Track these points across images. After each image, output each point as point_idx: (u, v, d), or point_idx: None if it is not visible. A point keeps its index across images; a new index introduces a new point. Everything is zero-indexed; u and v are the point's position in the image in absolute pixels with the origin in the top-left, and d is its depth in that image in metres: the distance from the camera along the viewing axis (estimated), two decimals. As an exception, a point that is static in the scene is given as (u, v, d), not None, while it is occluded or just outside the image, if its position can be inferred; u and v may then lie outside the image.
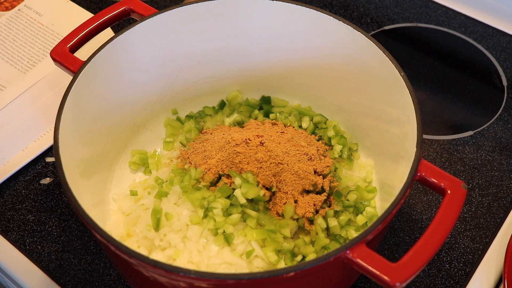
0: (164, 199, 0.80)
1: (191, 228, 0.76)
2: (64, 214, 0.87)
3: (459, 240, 0.84)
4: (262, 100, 0.95)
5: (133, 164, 0.89)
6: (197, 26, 0.85)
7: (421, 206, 0.88)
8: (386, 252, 0.83)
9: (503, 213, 0.87)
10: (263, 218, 0.77)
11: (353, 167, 0.87)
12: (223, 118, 0.92)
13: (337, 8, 1.18)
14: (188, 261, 0.74)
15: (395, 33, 1.14)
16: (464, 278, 0.81)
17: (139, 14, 0.84)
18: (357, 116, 0.88)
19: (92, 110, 0.79)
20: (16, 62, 0.98)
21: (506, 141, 0.96)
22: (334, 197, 0.80)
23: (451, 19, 1.15)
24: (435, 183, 0.66)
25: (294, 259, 0.76)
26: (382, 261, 0.59)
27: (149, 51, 0.85)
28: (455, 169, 0.92)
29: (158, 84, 0.89)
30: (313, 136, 0.88)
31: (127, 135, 0.89)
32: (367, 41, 0.78)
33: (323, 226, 0.77)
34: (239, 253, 0.74)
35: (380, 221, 0.61)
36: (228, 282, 0.59)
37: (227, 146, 0.81)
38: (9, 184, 0.90)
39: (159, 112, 0.92)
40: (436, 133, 0.97)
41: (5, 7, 1.09)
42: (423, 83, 1.05)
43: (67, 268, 0.82)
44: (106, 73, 0.80)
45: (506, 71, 1.06)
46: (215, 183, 0.81)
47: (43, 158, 0.93)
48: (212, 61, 0.90)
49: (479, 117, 1.00)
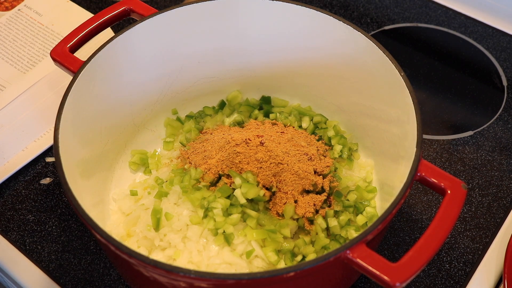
0: (164, 199, 0.80)
1: (191, 228, 0.76)
2: (64, 214, 0.87)
3: (459, 240, 0.84)
4: (262, 100, 0.95)
5: (133, 164, 0.89)
6: (197, 26, 0.85)
7: (421, 206, 0.88)
8: (386, 252, 0.83)
9: (503, 213, 0.87)
10: (263, 218, 0.77)
11: (353, 167, 0.87)
12: (223, 118, 0.92)
13: (337, 8, 1.18)
14: (188, 261, 0.74)
15: (395, 33, 1.14)
16: (464, 278, 0.81)
17: (139, 14, 0.84)
18: (357, 116, 0.88)
19: (92, 110, 0.79)
20: (16, 62, 0.98)
21: (506, 141, 0.96)
22: (334, 197, 0.80)
23: (451, 19, 1.15)
24: (435, 183, 0.66)
25: (294, 259, 0.76)
26: (382, 261, 0.59)
27: (149, 51, 0.85)
28: (455, 169, 0.92)
29: (158, 84, 0.89)
30: (313, 136, 0.88)
31: (127, 135, 0.89)
32: (367, 41, 0.78)
33: (323, 226, 0.77)
34: (239, 253, 0.74)
35: (380, 221, 0.61)
36: (228, 282, 0.59)
37: (227, 146, 0.81)
38: (9, 184, 0.90)
39: (159, 112, 0.92)
40: (436, 133, 0.97)
41: (5, 7, 1.09)
42: (423, 83, 1.05)
43: (67, 268, 0.82)
44: (106, 73, 0.80)
45: (506, 71, 1.06)
46: (215, 183, 0.81)
47: (43, 158, 0.93)
48: (212, 61, 0.90)
49: (479, 117, 1.00)
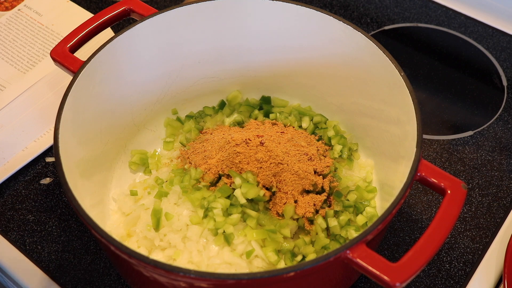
0: (164, 199, 0.80)
1: (191, 228, 0.76)
2: (64, 214, 0.87)
3: (459, 240, 0.84)
4: (262, 100, 0.95)
5: (133, 164, 0.88)
6: (197, 26, 0.85)
7: (421, 206, 0.88)
8: (386, 252, 0.83)
9: (503, 213, 0.87)
10: (263, 218, 0.77)
11: (353, 167, 0.87)
12: (223, 118, 0.92)
13: (337, 8, 1.18)
14: (188, 261, 0.74)
15: (395, 33, 1.14)
16: (464, 278, 0.81)
17: (139, 14, 0.84)
18: (357, 116, 0.88)
19: (92, 110, 0.79)
20: (16, 62, 0.98)
21: (506, 141, 0.96)
22: (334, 197, 0.80)
23: (451, 19, 1.15)
24: (435, 183, 0.66)
25: (294, 259, 0.76)
26: (382, 261, 0.59)
27: (149, 51, 0.84)
28: (455, 169, 0.92)
29: (158, 84, 0.89)
30: (313, 136, 0.88)
31: (127, 135, 0.89)
32: (367, 41, 0.78)
33: (323, 226, 0.77)
34: (239, 253, 0.74)
35: (380, 221, 0.61)
36: (228, 282, 0.59)
37: (227, 146, 0.81)
38: (9, 184, 0.90)
39: (159, 112, 0.92)
40: (436, 133, 0.97)
41: (5, 7, 1.09)
42: (423, 83, 1.05)
43: (67, 268, 0.82)
44: (106, 73, 0.80)
45: (506, 71, 1.06)
46: (215, 183, 0.81)
47: (43, 158, 0.93)
48: (212, 61, 0.90)
49: (479, 117, 1.00)
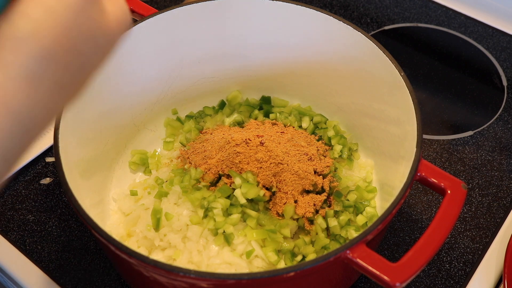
0: (164, 199, 0.80)
1: (191, 228, 0.76)
2: (64, 214, 0.87)
3: (459, 240, 0.84)
4: (262, 100, 0.95)
5: (133, 164, 0.88)
6: (197, 26, 0.85)
7: (421, 206, 0.88)
8: (386, 252, 0.83)
9: (503, 213, 0.87)
10: (263, 218, 0.77)
11: (353, 167, 0.87)
12: (223, 118, 0.92)
13: (337, 8, 1.18)
14: (188, 261, 0.74)
15: (395, 33, 1.14)
16: (464, 278, 0.81)
17: (139, 14, 0.84)
18: (357, 116, 0.88)
19: (92, 110, 0.78)
20: (16, 62, 0.98)
21: (506, 141, 0.96)
22: (334, 197, 0.80)
23: (451, 19, 1.15)
24: (435, 183, 0.66)
25: (294, 259, 0.76)
26: (382, 261, 0.59)
27: (149, 51, 0.84)
28: (455, 169, 0.92)
29: (158, 84, 0.89)
30: (313, 136, 0.88)
31: (127, 135, 0.89)
32: (367, 41, 0.78)
33: (323, 226, 0.77)
34: (239, 253, 0.74)
35: (380, 221, 0.61)
36: (228, 282, 0.58)
37: (227, 146, 0.81)
38: (9, 184, 0.90)
39: (159, 112, 0.92)
40: (436, 133, 0.97)
41: (5, 7, 1.09)
42: (423, 83, 1.05)
43: (67, 268, 0.82)
44: (106, 73, 0.79)
45: (506, 71, 1.06)
46: (215, 183, 0.81)
47: (43, 158, 0.93)
48: (212, 61, 0.90)
49: (479, 117, 1.00)
